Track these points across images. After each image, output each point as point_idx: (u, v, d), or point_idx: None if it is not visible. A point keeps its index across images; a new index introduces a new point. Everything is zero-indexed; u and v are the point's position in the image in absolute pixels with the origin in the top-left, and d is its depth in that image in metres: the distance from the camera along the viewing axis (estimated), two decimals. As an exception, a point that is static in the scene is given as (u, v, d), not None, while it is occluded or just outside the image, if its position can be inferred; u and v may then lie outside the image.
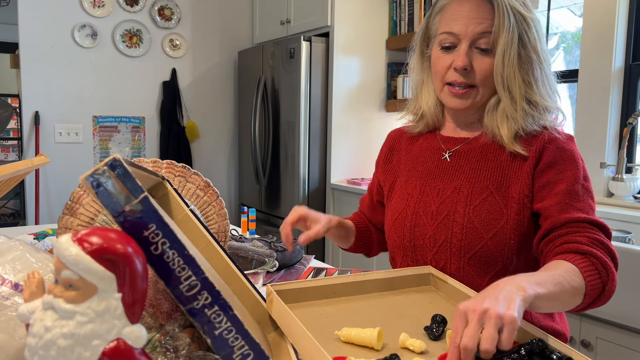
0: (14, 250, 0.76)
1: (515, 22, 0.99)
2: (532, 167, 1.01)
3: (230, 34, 3.87)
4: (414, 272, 0.99)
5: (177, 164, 1.05)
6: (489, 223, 1.01)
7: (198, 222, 0.84)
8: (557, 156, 1.01)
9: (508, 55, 0.99)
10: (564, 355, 0.68)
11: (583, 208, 0.96)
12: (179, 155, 3.69)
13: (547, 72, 1.05)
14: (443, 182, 1.09)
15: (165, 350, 0.67)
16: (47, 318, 0.53)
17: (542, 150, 1.01)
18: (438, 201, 1.07)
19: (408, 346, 0.73)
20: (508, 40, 0.99)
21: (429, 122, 1.17)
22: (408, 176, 1.16)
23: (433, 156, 1.14)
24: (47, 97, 3.31)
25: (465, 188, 1.05)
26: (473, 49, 1.02)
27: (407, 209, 1.12)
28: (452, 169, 1.09)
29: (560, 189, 0.98)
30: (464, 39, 1.02)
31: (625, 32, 2.29)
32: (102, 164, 0.58)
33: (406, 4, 3.05)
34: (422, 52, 1.16)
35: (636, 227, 1.93)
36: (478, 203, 1.03)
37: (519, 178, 1.02)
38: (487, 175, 1.05)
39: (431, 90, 1.14)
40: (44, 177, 3.36)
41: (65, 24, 3.32)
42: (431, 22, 1.12)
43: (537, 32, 1.03)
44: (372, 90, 3.20)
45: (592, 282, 0.86)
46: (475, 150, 1.08)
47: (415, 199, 1.11)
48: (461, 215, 1.03)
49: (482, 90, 1.04)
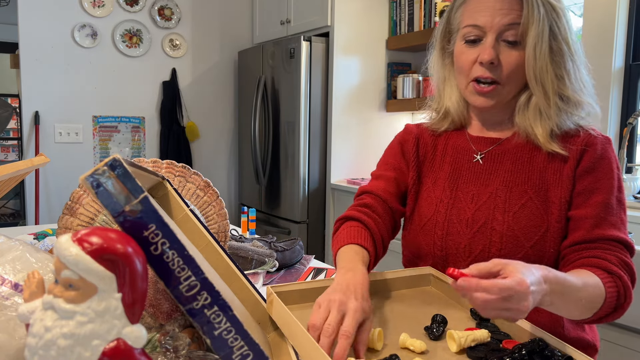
0: (14, 250, 0.76)
1: (545, 13, 0.94)
2: (573, 170, 0.96)
3: (230, 34, 3.87)
4: (414, 272, 0.99)
5: (177, 164, 1.05)
6: (530, 231, 0.95)
7: (198, 222, 0.84)
8: (596, 162, 0.96)
9: (540, 48, 0.93)
10: (564, 354, 0.68)
11: (616, 223, 0.93)
12: (179, 155, 3.69)
13: (579, 64, 0.98)
14: (477, 186, 1.02)
15: (165, 350, 0.67)
16: (47, 318, 0.53)
17: (582, 153, 0.96)
18: (473, 208, 1.01)
19: (408, 346, 0.73)
20: (539, 31, 0.93)
21: (455, 119, 1.10)
22: (435, 177, 1.09)
23: (463, 157, 1.07)
24: (47, 97, 3.31)
25: (502, 193, 0.99)
26: (500, 42, 0.96)
27: (437, 215, 1.04)
28: (486, 173, 1.03)
29: (596, 200, 0.94)
30: (489, 31, 0.96)
31: (625, 32, 2.29)
32: (102, 164, 0.58)
33: (406, 4, 3.05)
34: (442, 49, 1.10)
35: (636, 227, 1.93)
36: (517, 209, 0.97)
37: (558, 181, 0.97)
38: (525, 179, 0.99)
39: (454, 86, 1.09)
40: (44, 177, 3.36)
41: (65, 24, 3.32)
42: (453, 16, 1.05)
43: (567, 23, 0.97)
44: (372, 90, 3.20)
45: (610, 302, 0.86)
46: (510, 151, 1.02)
47: (445, 204, 1.04)
48: (500, 222, 0.97)
49: (507, 87, 0.99)
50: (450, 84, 1.10)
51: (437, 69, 1.12)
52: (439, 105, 1.13)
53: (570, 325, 1.02)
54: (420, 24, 2.97)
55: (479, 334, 0.74)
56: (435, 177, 1.09)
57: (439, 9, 2.85)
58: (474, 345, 0.72)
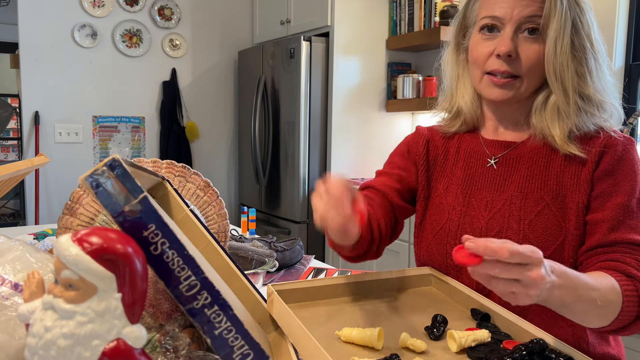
0: (14, 250, 0.76)
1: (568, 6, 0.89)
2: (591, 173, 0.91)
3: (230, 34, 3.87)
4: (415, 272, 0.99)
5: (177, 164, 1.05)
6: (547, 240, 0.91)
7: (198, 222, 0.84)
8: (615, 163, 0.90)
9: (560, 43, 0.89)
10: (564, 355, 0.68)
11: (636, 227, 0.87)
12: (179, 155, 3.69)
13: (602, 63, 0.93)
14: (490, 193, 0.97)
15: (165, 350, 0.67)
16: (47, 318, 0.53)
17: (601, 155, 0.91)
18: (487, 216, 0.96)
19: (408, 346, 0.73)
20: (560, 24, 0.88)
21: (467, 120, 1.04)
22: (447, 183, 1.04)
23: (476, 162, 1.02)
24: (47, 97, 3.31)
25: (518, 200, 0.94)
26: (519, 34, 0.91)
27: (449, 223, 1.00)
28: (500, 178, 0.97)
29: (614, 202, 0.88)
30: (508, 23, 0.91)
31: (625, 32, 2.30)
32: (101, 164, 0.58)
33: (406, 4, 3.04)
34: (458, 44, 1.05)
35: (636, 227, 1.92)
36: (533, 217, 0.92)
37: (576, 185, 0.91)
38: (541, 185, 0.93)
39: (468, 84, 1.03)
40: (44, 177, 3.36)
41: (65, 24, 3.32)
42: (469, 10, 1.00)
43: (591, 19, 0.92)
44: (372, 90, 3.20)
45: (629, 307, 0.79)
46: (525, 156, 0.97)
47: (458, 212, 0.99)
48: (515, 232, 0.92)
49: (526, 81, 0.93)
50: (463, 82, 1.05)
51: (451, 66, 1.07)
52: (450, 104, 1.07)
53: (595, 340, 0.96)
54: (420, 24, 2.97)
55: (480, 334, 0.74)
56: (447, 182, 1.04)
57: (439, 9, 2.85)
58: (474, 345, 0.72)
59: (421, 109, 2.99)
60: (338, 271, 1.40)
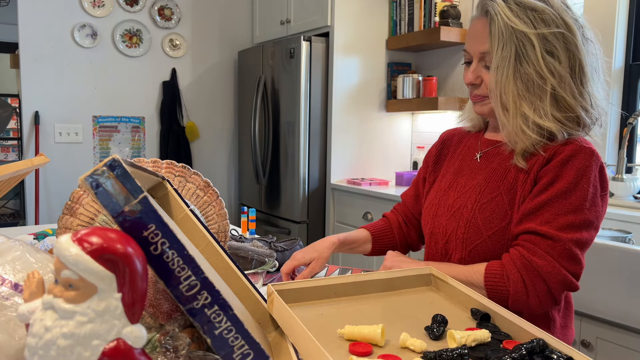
0: (13, 250, 0.76)
1: (510, 40, 1.02)
2: (531, 186, 1.05)
3: (230, 34, 3.87)
4: (415, 272, 0.99)
5: (177, 164, 1.05)
6: (492, 222, 1.07)
7: (198, 222, 0.84)
8: (560, 165, 1.02)
9: (501, 73, 1.03)
10: (564, 355, 0.68)
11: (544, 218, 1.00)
12: (179, 155, 3.69)
13: (557, 86, 1.02)
14: (467, 179, 1.16)
15: (165, 350, 0.67)
16: (47, 318, 0.53)
17: (549, 160, 1.04)
18: (455, 196, 1.16)
19: (408, 346, 0.73)
20: (500, 58, 1.03)
21: (476, 123, 1.25)
22: (445, 172, 1.25)
23: (469, 155, 1.21)
24: (47, 97, 3.31)
25: (480, 187, 1.12)
26: (482, 65, 1.09)
27: (434, 200, 1.22)
28: (477, 168, 1.16)
29: (538, 200, 1.01)
30: (473, 56, 1.10)
31: (625, 32, 2.30)
32: (101, 164, 0.58)
33: (406, 4, 3.05)
34: None
35: (636, 227, 1.93)
36: (486, 201, 1.09)
37: (525, 182, 1.06)
38: (501, 177, 1.10)
39: None
40: (44, 177, 3.36)
41: (65, 24, 3.32)
42: None
43: (542, 49, 1.01)
44: (372, 90, 3.20)
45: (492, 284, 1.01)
46: (502, 153, 1.13)
47: (442, 192, 1.20)
48: (468, 210, 1.10)
49: (493, 100, 1.09)
50: None
51: None
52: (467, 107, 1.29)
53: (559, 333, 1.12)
54: (420, 24, 2.97)
55: (480, 334, 0.74)
56: (447, 170, 1.25)
57: (439, 9, 2.85)
58: (474, 345, 0.72)
59: (421, 109, 2.99)
60: (338, 269, 1.41)
